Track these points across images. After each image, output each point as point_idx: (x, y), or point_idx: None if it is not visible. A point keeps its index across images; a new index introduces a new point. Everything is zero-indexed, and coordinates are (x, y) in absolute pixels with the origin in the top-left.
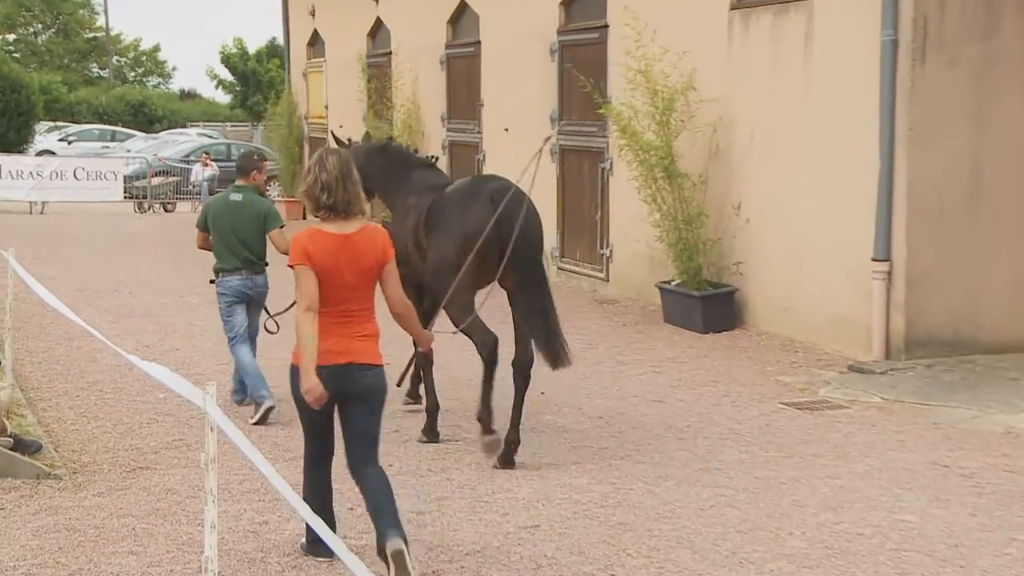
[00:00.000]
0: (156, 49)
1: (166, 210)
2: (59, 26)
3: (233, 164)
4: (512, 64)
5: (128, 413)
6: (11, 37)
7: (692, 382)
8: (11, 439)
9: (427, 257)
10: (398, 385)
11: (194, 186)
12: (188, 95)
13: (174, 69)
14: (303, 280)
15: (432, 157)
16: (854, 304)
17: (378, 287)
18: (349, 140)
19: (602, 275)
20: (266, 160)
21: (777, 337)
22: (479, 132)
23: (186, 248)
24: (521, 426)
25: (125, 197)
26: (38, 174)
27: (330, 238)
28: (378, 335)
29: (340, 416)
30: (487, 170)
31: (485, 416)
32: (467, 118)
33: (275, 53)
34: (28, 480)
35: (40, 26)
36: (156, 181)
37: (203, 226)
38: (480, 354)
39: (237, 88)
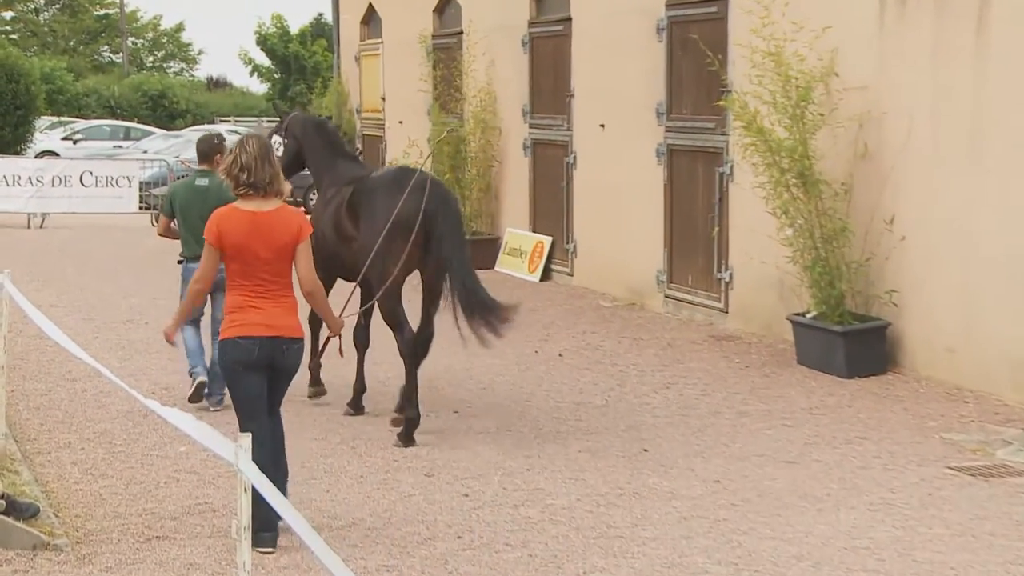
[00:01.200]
0: (179, 29)
1: None
2: (65, 2)
3: None
4: (610, 46)
5: (143, 470)
6: (8, 15)
7: (832, 439)
8: (2, 501)
9: (354, 246)
10: (309, 368)
11: None
12: (217, 84)
13: (200, 53)
14: (205, 257)
15: (359, 151)
16: None
17: None
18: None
19: (720, 304)
20: (224, 141)
21: (941, 384)
22: (568, 128)
23: None
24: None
25: (141, 208)
26: (38, 180)
27: (244, 216)
28: (296, 308)
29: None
30: (579, 176)
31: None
32: (554, 111)
33: (321, 33)
34: (23, 551)
35: (43, 1)
36: None
37: (169, 212)
38: (402, 350)
39: (276, 75)
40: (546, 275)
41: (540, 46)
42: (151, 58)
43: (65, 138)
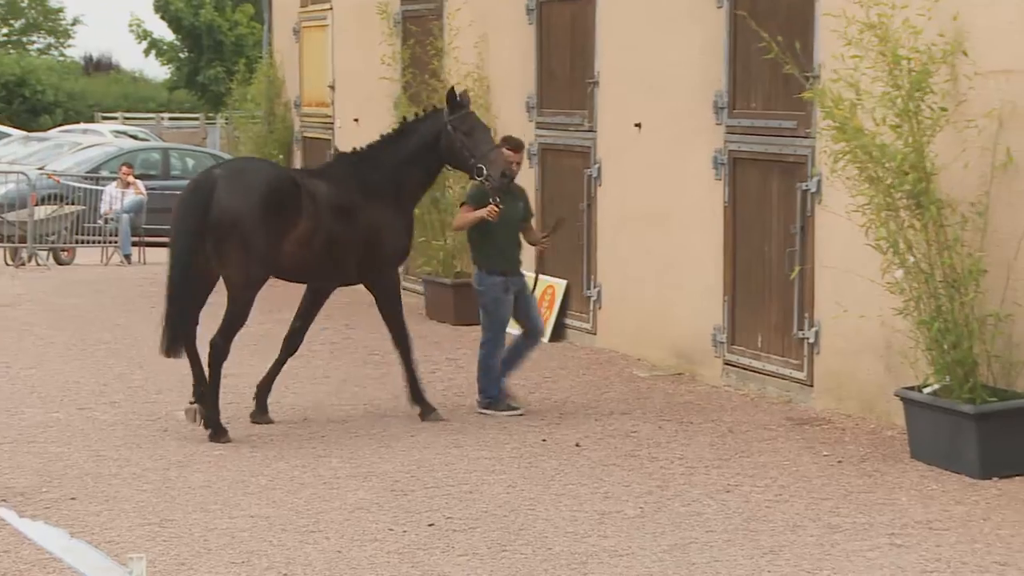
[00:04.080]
0: None
1: (59, 261)
2: None
3: (177, 183)
4: (649, 14)
5: None
6: None
7: (961, 565)
8: None
9: None
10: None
11: (106, 220)
12: (99, 67)
13: (76, 24)
14: None
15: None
16: None
17: None
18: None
19: (802, 374)
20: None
21: None
22: (591, 129)
23: (99, 325)
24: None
25: None
26: None
27: None
28: None
29: None
30: (606, 195)
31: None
32: (570, 105)
33: None
34: None
35: None
36: (42, 212)
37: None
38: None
39: (182, 55)
40: (559, 333)
41: (553, 14)
42: (4, 30)
43: None
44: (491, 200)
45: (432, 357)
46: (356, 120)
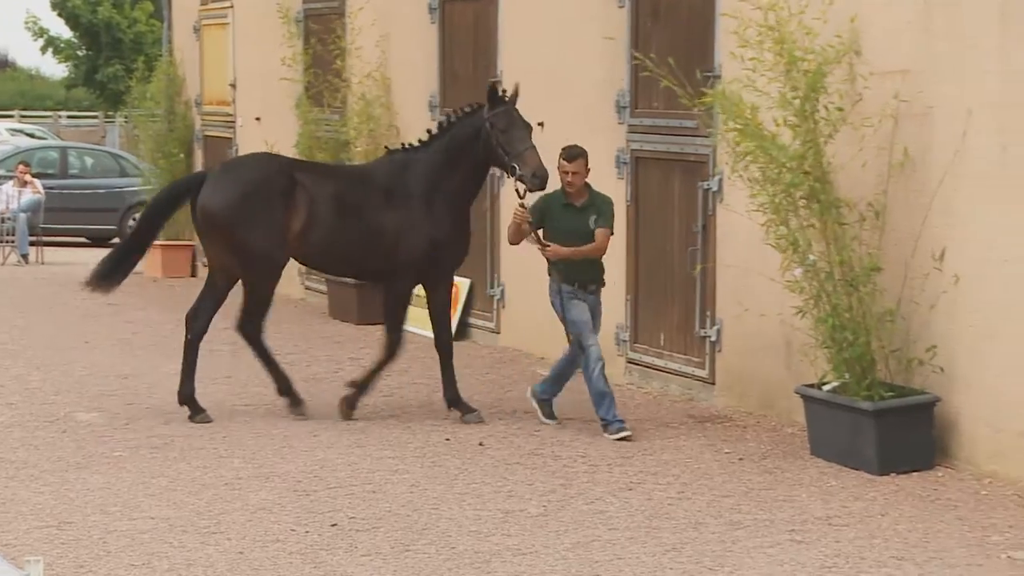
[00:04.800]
0: None
1: None
2: None
3: (75, 181)
4: (551, 14)
5: None
6: None
7: (860, 560)
8: None
9: None
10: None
11: (3, 219)
12: None
13: None
14: None
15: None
16: None
17: None
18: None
19: (704, 372)
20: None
21: (1011, 482)
22: None
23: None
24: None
25: None
26: None
27: None
28: None
29: None
30: (510, 194)
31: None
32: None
33: None
34: None
35: None
36: None
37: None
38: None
39: (80, 52)
40: (462, 332)
41: (455, 14)
42: None
43: None
44: (521, 204)
45: (335, 356)
46: (258, 119)
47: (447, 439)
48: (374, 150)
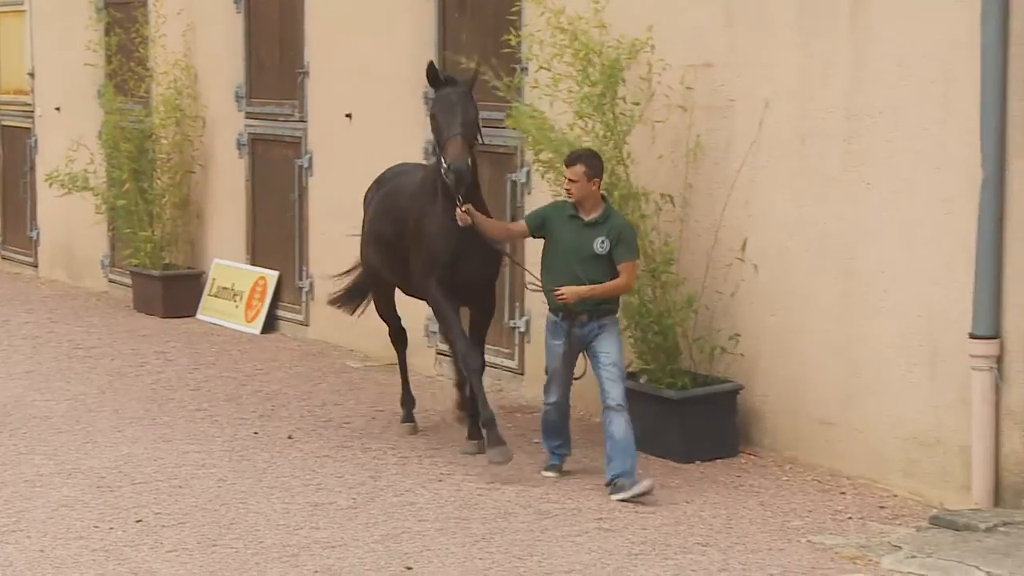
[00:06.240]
0: None
1: None
2: None
3: None
4: (357, 5)
5: None
6: None
7: (665, 547)
8: None
9: None
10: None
11: None
12: None
13: None
14: None
15: None
16: (940, 413)
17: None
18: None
19: (513, 363)
20: None
21: (811, 469)
22: (302, 119)
23: None
24: None
25: None
26: None
27: None
28: None
29: None
30: (318, 185)
31: None
32: (281, 95)
33: None
34: None
35: None
36: None
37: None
38: None
39: None
40: (271, 325)
41: (261, 4)
42: None
43: None
44: (457, 204)
45: (140, 350)
46: (58, 109)
47: (255, 433)
48: (180, 141)
